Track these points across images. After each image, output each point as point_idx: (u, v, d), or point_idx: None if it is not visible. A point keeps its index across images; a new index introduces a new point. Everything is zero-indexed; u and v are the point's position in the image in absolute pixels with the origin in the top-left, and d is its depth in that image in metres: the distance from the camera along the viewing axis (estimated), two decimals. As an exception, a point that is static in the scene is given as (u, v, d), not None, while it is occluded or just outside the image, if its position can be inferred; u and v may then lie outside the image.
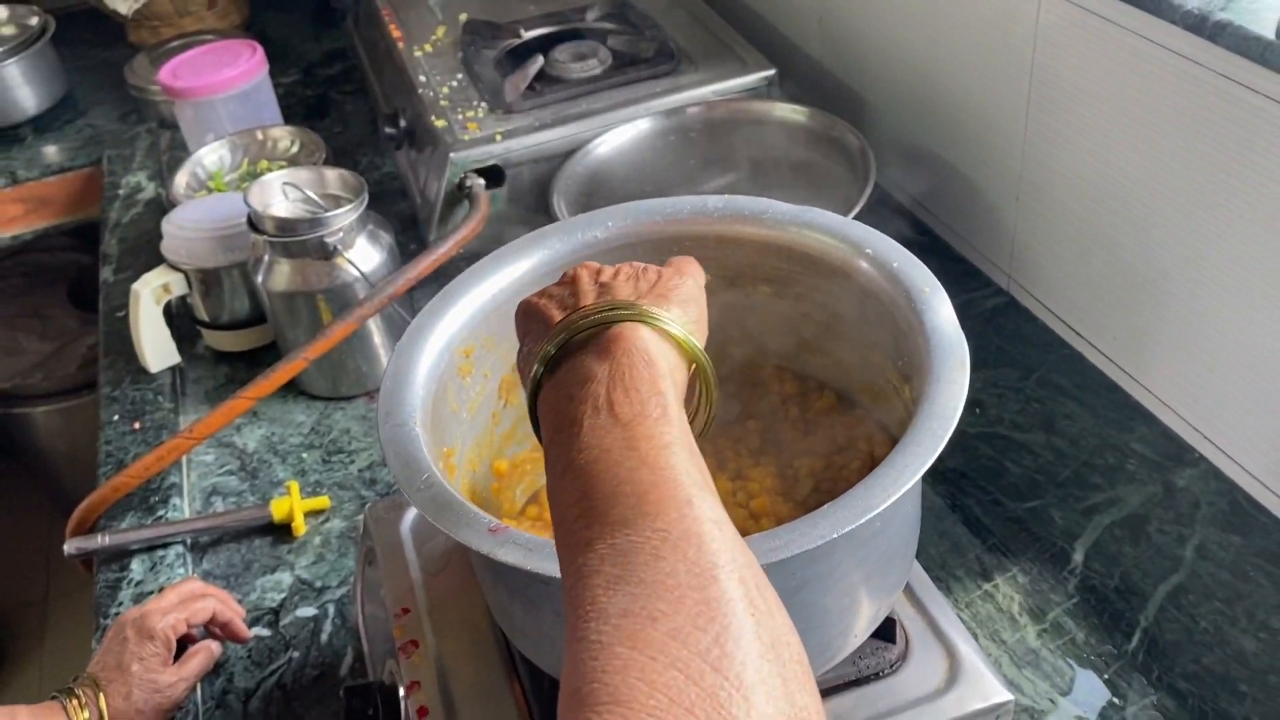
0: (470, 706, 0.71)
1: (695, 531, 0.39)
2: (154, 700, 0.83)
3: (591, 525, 0.41)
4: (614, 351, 0.48)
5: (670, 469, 0.43)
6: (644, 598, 0.37)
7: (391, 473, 0.61)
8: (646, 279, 0.54)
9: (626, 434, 0.44)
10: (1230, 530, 0.91)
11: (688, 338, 0.51)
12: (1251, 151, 0.83)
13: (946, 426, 0.56)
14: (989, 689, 0.68)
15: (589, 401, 0.46)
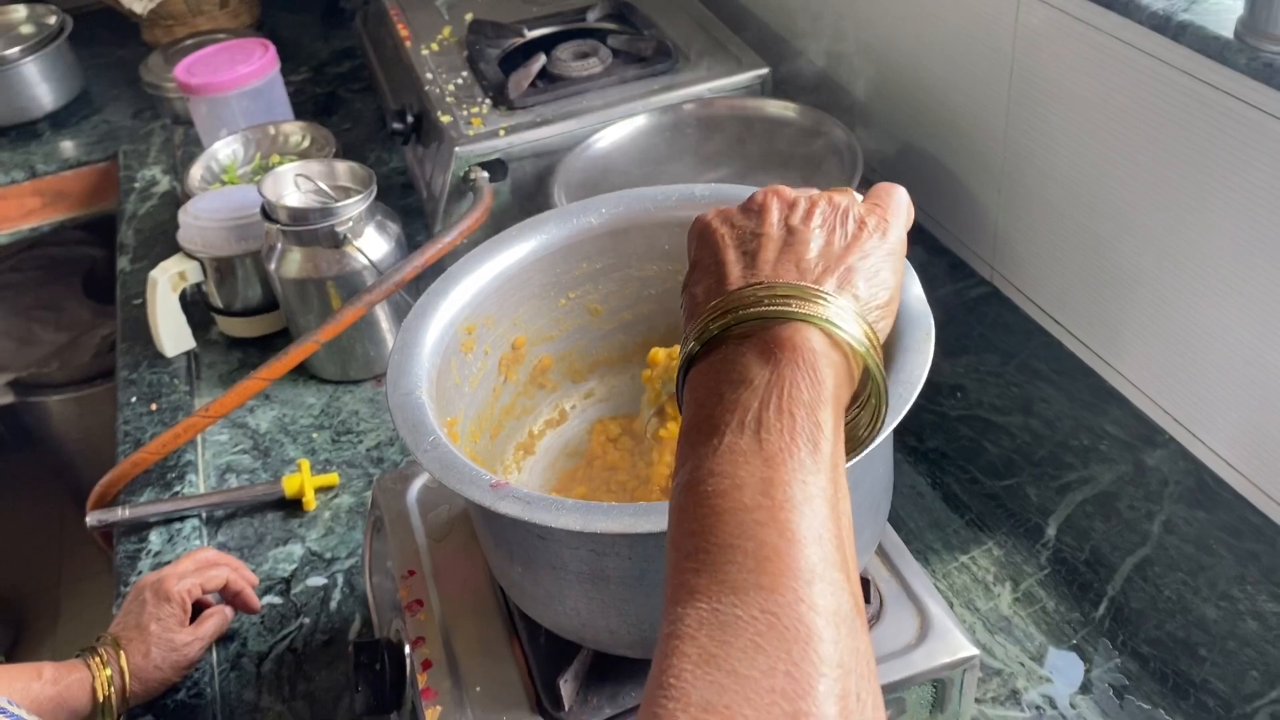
0: (472, 660, 0.75)
1: (805, 625, 0.36)
2: (171, 658, 0.88)
3: (701, 572, 0.38)
4: (779, 356, 0.43)
5: (799, 535, 0.38)
6: (731, 693, 0.34)
7: (400, 435, 0.66)
8: (842, 234, 0.48)
9: (766, 472, 0.40)
10: (1196, 506, 0.96)
11: (860, 345, 0.45)
12: (1214, 146, 0.88)
13: (912, 391, 0.60)
14: (956, 644, 0.72)
15: (737, 412, 0.42)
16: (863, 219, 0.49)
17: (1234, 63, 0.81)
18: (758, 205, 0.50)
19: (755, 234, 0.49)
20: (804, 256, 0.47)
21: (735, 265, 0.47)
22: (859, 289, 0.46)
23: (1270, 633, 0.86)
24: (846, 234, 0.48)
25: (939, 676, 0.72)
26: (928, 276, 1.26)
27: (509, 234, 0.82)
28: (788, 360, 0.42)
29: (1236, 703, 0.82)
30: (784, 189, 0.52)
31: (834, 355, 0.44)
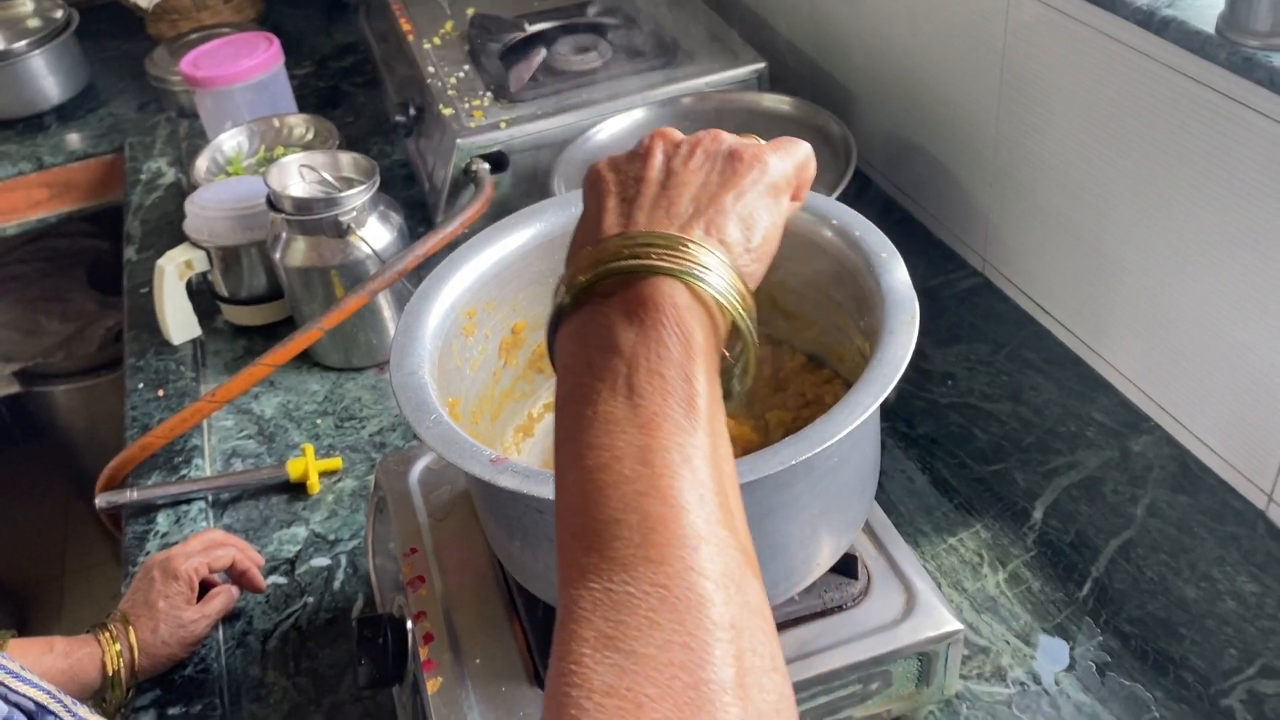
0: (472, 634, 0.78)
1: (696, 593, 0.36)
2: (178, 634, 0.91)
3: (590, 551, 0.38)
4: (644, 318, 0.42)
5: (681, 501, 0.38)
6: (633, 675, 0.34)
7: (403, 412, 0.68)
8: (719, 173, 0.47)
9: (643, 439, 0.39)
10: (1179, 491, 0.98)
11: (727, 297, 0.44)
12: (1197, 139, 0.90)
13: (896, 370, 0.63)
14: (941, 619, 0.75)
15: (608, 379, 0.41)
16: (742, 154, 0.48)
17: (1215, 57, 0.83)
18: (643, 149, 0.49)
19: (637, 179, 0.48)
20: (676, 200, 0.46)
21: (612, 213, 0.47)
22: (729, 233, 0.45)
23: (1248, 612, 0.88)
24: (723, 172, 0.47)
25: (924, 650, 0.75)
26: (920, 267, 1.29)
27: (509, 221, 0.84)
28: (653, 320, 0.42)
29: (1215, 679, 0.84)
30: (672, 131, 0.50)
31: (699, 309, 0.43)
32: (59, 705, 0.61)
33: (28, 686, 0.60)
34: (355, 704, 0.90)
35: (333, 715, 0.90)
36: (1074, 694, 0.84)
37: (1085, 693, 0.84)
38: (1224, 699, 0.83)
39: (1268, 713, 0.81)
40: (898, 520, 0.99)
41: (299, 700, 0.91)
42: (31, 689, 0.60)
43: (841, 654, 0.74)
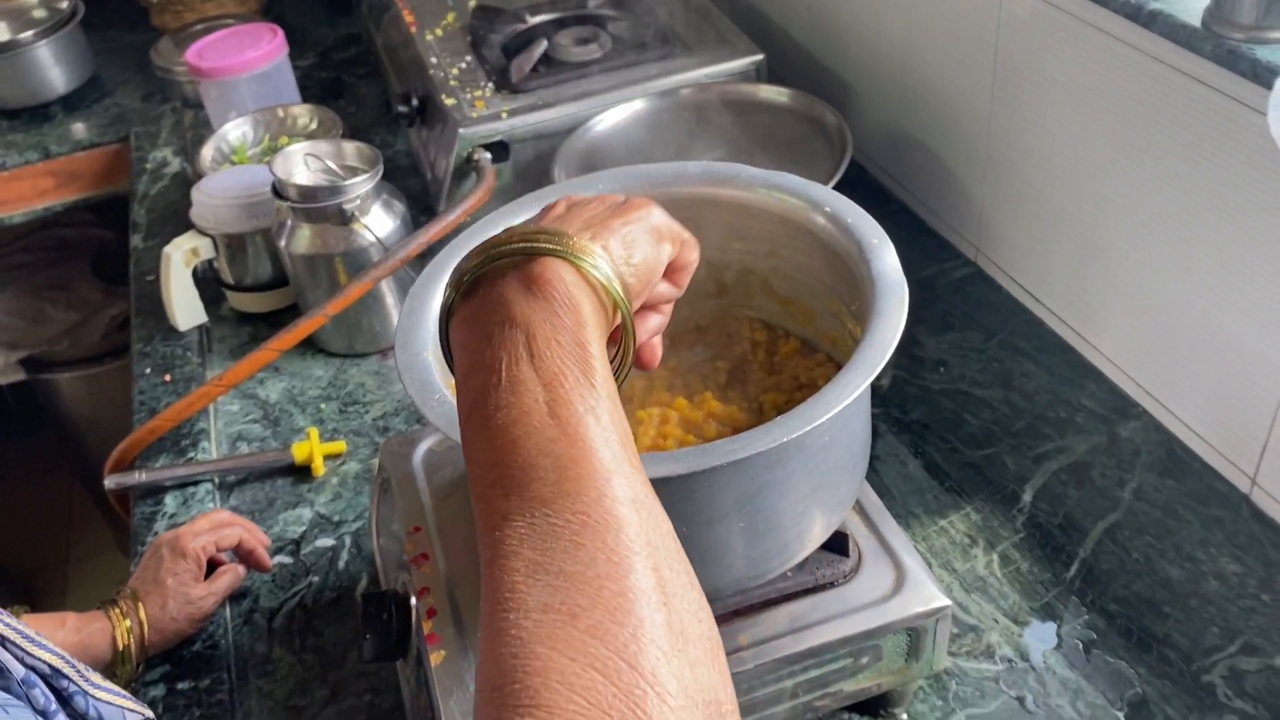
0: (474, 609, 0.80)
1: (613, 515, 0.40)
2: (186, 611, 0.93)
3: (510, 495, 0.41)
4: (536, 292, 0.45)
5: (590, 442, 0.42)
6: (564, 590, 0.37)
7: (408, 392, 0.70)
8: (612, 209, 0.52)
9: (548, 395, 0.43)
10: (1166, 475, 1.01)
11: (610, 283, 0.48)
12: (1184, 130, 0.92)
13: (885, 352, 0.65)
14: (929, 595, 0.77)
15: (508, 348, 0.44)
16: (633, 202, 0.53)
17: (1201, 49, 0.85)
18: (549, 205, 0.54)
19: (540, 215, 0.53)
20: (570, 221, 0.50)
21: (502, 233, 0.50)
22: (611, 246, 0.49)
23: (1231, 591, 0.90)
24: (614, 208, 0.52)
25: (913, 625, 0.77)
26: (915, 256, 1.32)
27: (513, 205, 0.86)
28: (545, 294, 0.45)
29: (1196, 656, 0.86)
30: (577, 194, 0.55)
31: (586, 288, 0.47)
32: (72, 670, 0.63)
33: (43, 651, 0.62)
34: (359, 679, 0.92)
35: (337, 690, 0.92)
36: (1060, 670, 0.87)
37: (1071, 669, 0.87)
38: (1205, 675, 0.85)
39: (1248, 688, 0.84)
40: (890, 502, 1.01)
41: (305, 675, 0.93)
42: (47, 654, 0.62)
43: (833, 628, 0.76)
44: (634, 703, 0.35)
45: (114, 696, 0.67)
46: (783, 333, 0.88)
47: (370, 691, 0.91)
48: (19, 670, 0.58)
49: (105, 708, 0.65)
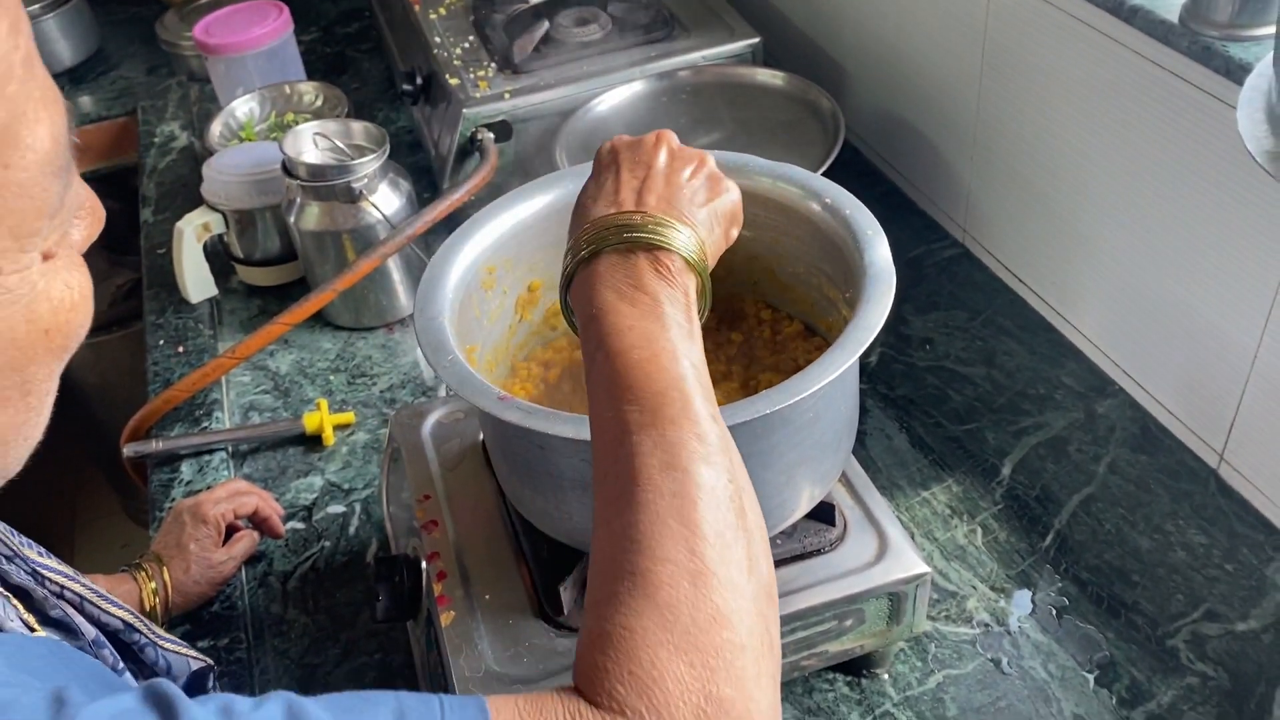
0: (481, 571, 0.85)
1: (712, 439, 0.54)
2: (208, 575, 0.98)
3: (644, 413, 0.53)
4: (665, 274, 0.59)
5: (697, 385, 0.56)
6: (687, 484, 0.51)
7: (423, 353, 0.74)
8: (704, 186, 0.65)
9: (672, 347, 0.57)
10: (1139, 450, 1.06)
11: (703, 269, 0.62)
12: (1161, 121, 0.96)
13: (870, 334, 0.69)
14: (910, 563, 0.82)
15: (640, 306, 0.58)
16: (720, 179, 0.66)
17: (1177, 45, 0.89)
18: (651, 142, 0.66)
19: (646, 165, 0.65)
20: (676, 197, 0.63)
21: (627, 189, 0.63)
22: (704, 234, 0.63)
23: (1196, 561, 0.95)
24: (708, 190, 0.65)
25: (894, 591, 0.82)
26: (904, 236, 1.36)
27: (529, 187, 0.90)
28: (667, 278, 0.60)
29: (1162, 621, 0.92)
30: (670, 136, 0.67)
31: (690, 272, 0.62)
32: (142, 624, 0.68)
33: (115, 608, 0.67)
34: (370, 638, 0.97)
35: (349, 649, 0.97)
36: (1033, 634, 0.92)
37: (1043, 633, 0.92)
38: (1170, 640, 0.90)
39: (1209, 652, 0.89)
40: (876, 475, 1.06)
41: (318, 635, 0.98)
42: (120, 610, 0.67)
43: (819, 593, 0.81)
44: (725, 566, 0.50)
45: (178, 647, 0.72)
46: (785, 315, 0.92)
47: (380, 650, 0.96)
48: (90, 631, 0.62)
49: (173, 658, 0.70)
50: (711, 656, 0.46)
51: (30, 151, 0.40)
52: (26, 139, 0.40)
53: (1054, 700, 0.87)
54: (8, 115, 0.39)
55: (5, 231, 0.39)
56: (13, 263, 0.40)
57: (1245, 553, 0.95)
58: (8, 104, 0.39)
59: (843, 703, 0.88)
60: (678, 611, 0.47)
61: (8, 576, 0.61)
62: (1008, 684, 0.89)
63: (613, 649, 0.46)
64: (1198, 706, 0.86)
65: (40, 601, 0.61)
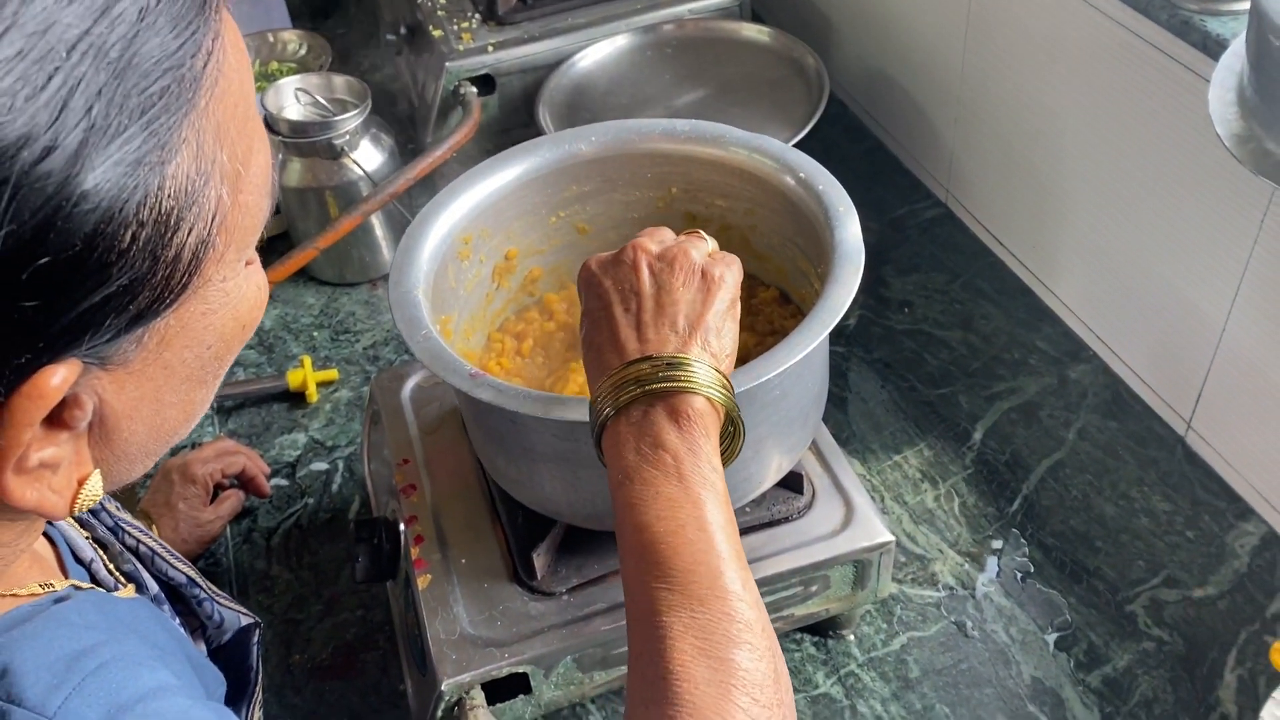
0: (458, 535, 0.87)
1: (745, 616, 0.54)
2: (196, 533, 1.00)
3: (673, 591, 0.54)
4: (682, 425, 0.59)
5: (727, 555, 0.56)
6: (721, 673, 0.52)
7: (397, 326, 0.76)
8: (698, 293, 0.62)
9: (696, 512, 0.57)
10: (1109, 417, 1.07)
11: (730, 402, 0.61)
12: (1139, 92, 0.96)
13: (836, 315, 0.70)
14: (875, 531, 0.84)
15: (661, 468, 0.58)
16: (710, 275, 0.64)
17: (1156, 17, 0.89)
18: (631, 261, 0.64)
19: (634, 291, 0.63)
20: (675, 320, 0.62)
21: (626, 328, 0.62)
22: (713, 345, 0.62)
23: (1159, 528, 0.98)
24: (701, 291, 0.63)
25: (859, 558, 0.84)
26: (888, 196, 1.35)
27: (505, 155, 0.90)
28: (688, 426, 0.59)
29: (1122, 587, 0.94)
30: (647, 244, 0.65)
31: (712, 412, 0.60)
32: (202, 581, 0.71)
33: (181, 564, 0.69)
34: (352, 595, 1.00)
35: (332, 605, 0.99)
36: (996, 598, 0.95)
37: (1007, 597, 0.95)
38: (1129, 605, 0.93)
39: (1166, 618, 0.92)
40: (849, 438, 1.08)
41: (301, 591, 1.01)
42: (184, 566, 0.70)
43: (785, 560, 0.83)
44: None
45: (230, 603, 0.75)
46: (761, 283, 0.93)
47: (362, 607, 0.99)
48: (153, 586, 0.65)
49: (226, 613, 0.73)
50: None
51: (256, 176, 0.44)
52: (254, 166, 0.44)
53: (1014, 663, 0.90)
54: (246, 148, 0.43)
55: (234, 246, 0.44)
56: (233, 271, 0.45)
57: (1207, 520, 0.98)
58: (246, 138, 0.43)
59: (809, 662, 0.91)
60: None
61: (94, 529, 0.64)
62: (970, 646, 0.91)
63: None
64: (1152, 671, 0.88)
65: (115, 555, 0.65)
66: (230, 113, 0.42)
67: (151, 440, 0.47)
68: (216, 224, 0.42)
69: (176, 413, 0.47)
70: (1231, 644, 0.89)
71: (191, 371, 0.46)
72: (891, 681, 0.89)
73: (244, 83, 0.44)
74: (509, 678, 0.79)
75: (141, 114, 0.37)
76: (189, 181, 0.40)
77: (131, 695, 0.44)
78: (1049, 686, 0.88)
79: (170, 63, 0.38)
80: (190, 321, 0.44)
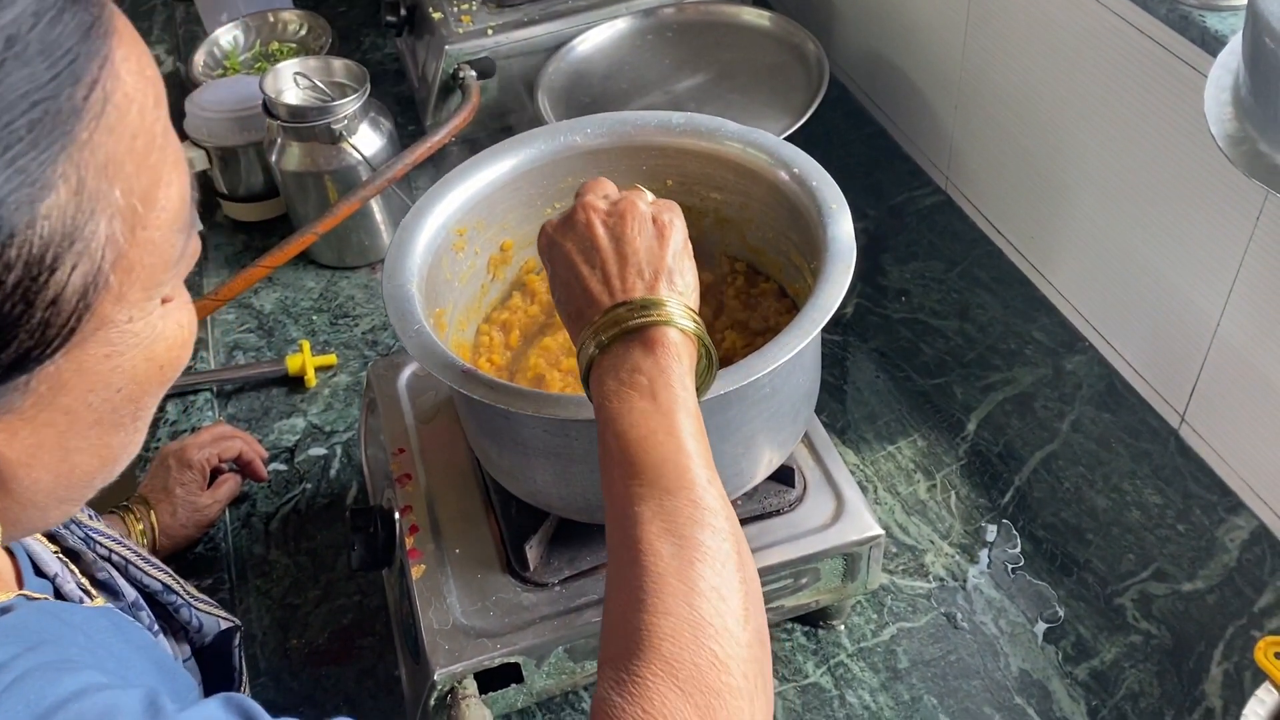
0: (452, 526, 0.88)
1: (711, 506, 0.58)
2: (194, 518, 1.01)
3: (643, 485, 0.58)
4: (656, 352, 0.63)
5: (694, 454, 0.60)
6: (685, 548, 0.55)
7: (391, 321, 0.76)
8: (653, 239, 0.65)
9: (666, 421, 0.60)
10: (1103, 409, 1.08)
11: (695, 330, 0.64)
12: (1137, 85, 0.96)
13: (824, 315, 0.71)
14: (865, 525, 0.85)
15: (636, 388, 0.62)
16: (660, 221, 0.67)
17: (1155, 11, 0.89)
18: (584, 221, 0.67)
19: (594, 248, 0.66)
20: (639, 267, 0.65)
21: (596, 283, 0.65)
22: (678, 285, 0.66)
23: (1150, 521, 0.98)
24: (656, 238, 0.66)
25: (849, 551, 0.85)
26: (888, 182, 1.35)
27: (501, 146, 0.90)
28: (661, 352, 0.63)
29: (1112, 580, 0.95)
30: (595, 202, 0.68)
31: (685, 341, 0.64)
32: (179, 586, 0.72)
33: (156, 571, 0.70)
34: (349, 581, 1.01)
35: (329, 590, 1.00)
36: (986, 590, 0.95)
37: (997, 589, 0.95)
38: (1118, 598, 0.94)
39: (1154, 611, 0.92)
40: (844, 427, 1.08)
41: (299, 576, 1.02)
42: (158, 572, 0.70)
43: (776, 553, 0.84)
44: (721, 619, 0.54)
45: (210, 607, 0.75)
46: (761, 275, 0.94)
47: (359, 593, 1.00)
48: (130, 593, 0.65)
49: (205, 617, 0.74)
50: (712, 698, 0.52)
51: (164, 212, 0.43)
52: (161, 201, 0.43)
53: (1002, 655, 0.91)
54: (149, 182, 0.42)
55: (138, 285, 0.43)
56: (140, 311, 0.44)
57: (1198, 514, 0.98)
58: (149, 172, 0.42)
59: (799, 652, 0.92)
60: (681, 659, 0.52)
61: (63, 540, 0.64)
62: (959, 638, 0.92)
63: (626, 693, 0.51)
64: (1139, 664, 0.89)
65: (89, 564, 0.65)
66: (124, 145, 0.40)
67: (62, 487, 0.46)
68: (109, 262, 0.40)
69: (88, 459, 0.46)
70: (1219, 638, 0.90)
71: (100, 416, 0.45)
72: (880, 672, 0.90)
73: (145, 111, 0.42)
74: (501, 667, 0.81)
75: (4, 150, 0.36)
76: (68, 219, 0.38)
77: (54, 701, 0.43)
78: (1036, 679, 0.89)
79: (40, 95, 0.37)
80: (91, 365, 0.43)
